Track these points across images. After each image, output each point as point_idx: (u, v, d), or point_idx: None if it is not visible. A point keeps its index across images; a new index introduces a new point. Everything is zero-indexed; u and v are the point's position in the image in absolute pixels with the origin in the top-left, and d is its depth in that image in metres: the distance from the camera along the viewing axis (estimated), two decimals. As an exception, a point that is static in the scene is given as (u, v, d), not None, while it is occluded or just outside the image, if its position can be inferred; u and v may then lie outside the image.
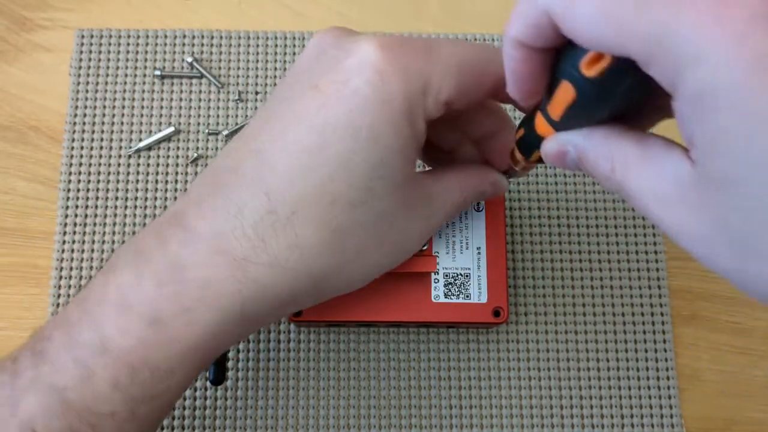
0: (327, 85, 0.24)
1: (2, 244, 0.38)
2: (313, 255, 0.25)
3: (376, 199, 0.25)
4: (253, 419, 0.36)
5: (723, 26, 0.16)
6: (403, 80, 0.24)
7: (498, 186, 0.31)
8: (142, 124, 0.40)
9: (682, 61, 0.16)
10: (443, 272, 0.33)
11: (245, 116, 0.41)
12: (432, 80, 0.25)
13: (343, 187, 0.24)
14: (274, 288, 0.24)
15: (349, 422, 0.36)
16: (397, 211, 0.26)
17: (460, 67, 0.25)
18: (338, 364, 0.37)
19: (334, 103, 0.24)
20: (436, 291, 0.33)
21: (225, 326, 0.25)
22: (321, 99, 0.24)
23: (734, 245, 0.18)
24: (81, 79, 0.41)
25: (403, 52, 0.24)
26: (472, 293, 0.33)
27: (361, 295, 0.33)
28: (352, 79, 0.24)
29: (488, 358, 0.37)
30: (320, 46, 0.26)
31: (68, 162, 0.39)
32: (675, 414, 0.37)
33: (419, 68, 0.24)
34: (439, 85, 0.25)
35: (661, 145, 0.20)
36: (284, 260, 0.24)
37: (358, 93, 0.24)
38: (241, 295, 0.24)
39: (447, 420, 0.36)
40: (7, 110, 0.40)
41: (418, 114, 0.25)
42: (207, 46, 0.42)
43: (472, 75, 0.25)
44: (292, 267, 0.24)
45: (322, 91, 0.24)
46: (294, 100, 0.25)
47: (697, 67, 0.16)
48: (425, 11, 0.43)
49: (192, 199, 0.25)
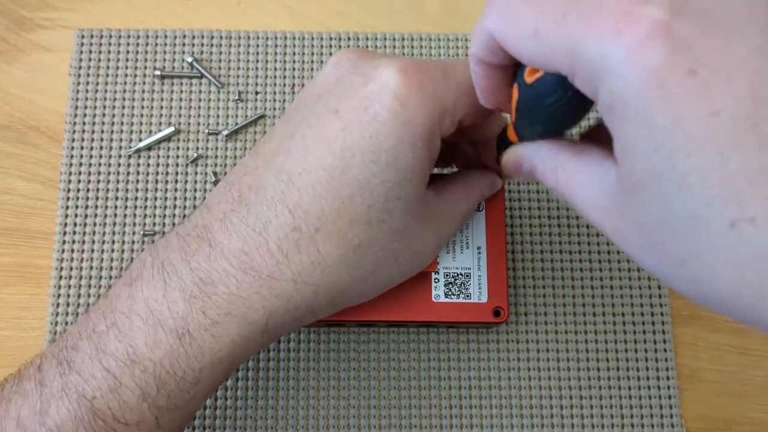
0: (347, 110, 0.25)
1: (2, 244, 0.38)
2: (334, 271, 0.26)
3: (393, 218, 0.26)
4: (253, 419, 0.36)
5: (624, 40, 0.17)
6: (422, 105, 0.25)
7: (494, 186, 0.32)
8: (142, 124, 0.40)
9: (595, 74, 0.18)
10: (443, 272, 0.33)
11: (245, 116, 0.41)
12: (448, 102, 0.26)
13: (363, 207, 0.25)
14: (296, 302, 0.26)
15: (349, 422, 0.36)
16: (412, 228, 0.27)
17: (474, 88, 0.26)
18: (338, 364, 0.37)
19: (354, 128, 0.25)
20: (437, 291, 0.33)
21: (250, 338, 0.26)
22: (341, 124, 0.25)
23: (653, 248, 0.19)
24: (81, 79, 0.41)
25: (421, 76, 0.25)
26: (472, 293, 0.33)
27: None
28: (371, 105, 0.25)
29: (488, 358, 0.37)
30: (339, 69, 0.27)
31: (68, 162, 0.39)
32: (675, 414, 0.37)
33: (437, 91, 0.25)
34: (455, 106, 0.26)
35: (597, 155, 0.21)
36: (307, 276, 0.25)
37: (378, 119, 0.25)
38: (266, 309, 0.25)
39: (447, 420, 0.36)
40: (7, 110, 0.40)
41: (436, 135, 0.26)
42: (207, 46, 0.42)
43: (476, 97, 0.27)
44: (315, 282, 0.25)
45: (342, 116, 0.25)
46: (315, 123, 0.26)
47: (605, 80, 0.17)
48: (425, 11, 0.43)
49: (215, 214, 0.26)
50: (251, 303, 0.25)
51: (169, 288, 0.25)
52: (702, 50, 0.16)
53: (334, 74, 0.27)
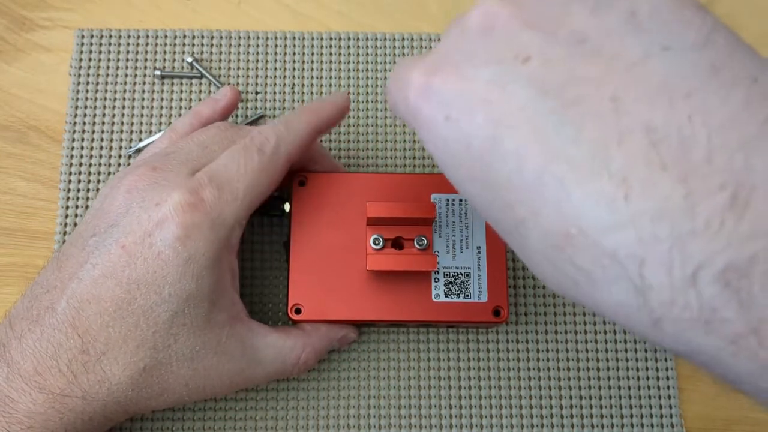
0: (132, 246, 0.28)
1: (2, 244, 0.38)
2: (120, 389, 0.28)
3: (179, 343, 0.28)
4: (253, 419, 0.36)
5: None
6: (202, 237, 0.28)
7: (348, 339, 0.35)
8: (142, 124, 0.40)
9: None
10: (443, 271, 0.33)
11: (245, 116, 0.41)
12: (230, 219, 0.29)
13: (148, 333, 0.28)
14: (89, 414, 0.28)
15: (349, 422, 0.36)
16: (202, 356, 0.29)
17: (250, 193, 0.30)
18: (338, 364, 0.37)
19: (139, 264, 0.28)
20: (437, 290, 0.33)
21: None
22: (127, 259, 0.28)
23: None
24: (81, 79, 0.41)
25: (199, 208, 0.28)
26: (472, 292, 0.33)
27: (361, 294, 0.33)
28: (155, 243, 0.28)
29: (488, 358, 0.37)
30: (129, 199, 0.29)
31: (68, 162, 0.39)
32: (675, 414, 0.37)
33: (215, 219, 0.28)
34: (236, 219, 0.29)
35: None
36: (95, 393, 0.28)
37: (161, 257, 0.27)
38: (62, 421, 0.27)
39: (447, 420, 0.36)
40: (7, 110, 0.40)
41: (224, 255, 0.29)
42: (207, 46, 0.42)
43: (260, 188, 0.30)
44: (102, 399, 0.28)
45: (128, 251, 0.28)
46: (105, 255, 0.28)
47: None
48: (425, 11, 0.43)
49: (15, 332, 0.28)
50: (48, 417, 0.27)
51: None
52: None
53: (125, 204, 0.29)
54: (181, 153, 0.31)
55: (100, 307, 0.28)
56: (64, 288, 0.28)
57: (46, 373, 0.27)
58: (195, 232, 0.28)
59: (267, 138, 0.31)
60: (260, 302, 0.37)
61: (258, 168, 0.30)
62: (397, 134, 0.41)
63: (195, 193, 0.28)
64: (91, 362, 0.28)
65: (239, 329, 0.30)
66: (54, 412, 0.27)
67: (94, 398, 0.28)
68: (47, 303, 0.28)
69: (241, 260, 0.38)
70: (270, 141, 0.31)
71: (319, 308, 0.33)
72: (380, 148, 0.40)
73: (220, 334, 0.29)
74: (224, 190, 0.29)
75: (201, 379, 0.29)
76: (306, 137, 0.32)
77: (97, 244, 0.29)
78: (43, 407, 0.27)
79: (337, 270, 0.33)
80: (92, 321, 0.28)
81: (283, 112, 0.41)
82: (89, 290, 0.28)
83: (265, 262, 0.38)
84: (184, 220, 0.28)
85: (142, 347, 0.28)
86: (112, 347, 0.28)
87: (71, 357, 0.27)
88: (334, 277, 0.33)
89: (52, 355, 0.27)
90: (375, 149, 0.40)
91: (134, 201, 0.29)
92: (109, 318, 0.28)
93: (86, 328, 0.28)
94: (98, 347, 0.28)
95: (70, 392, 0.27)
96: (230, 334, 0.30)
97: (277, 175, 0.31)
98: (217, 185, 0.29)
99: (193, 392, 0.30)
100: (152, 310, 0.28)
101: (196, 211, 0.28)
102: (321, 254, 0.33)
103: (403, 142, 0.41)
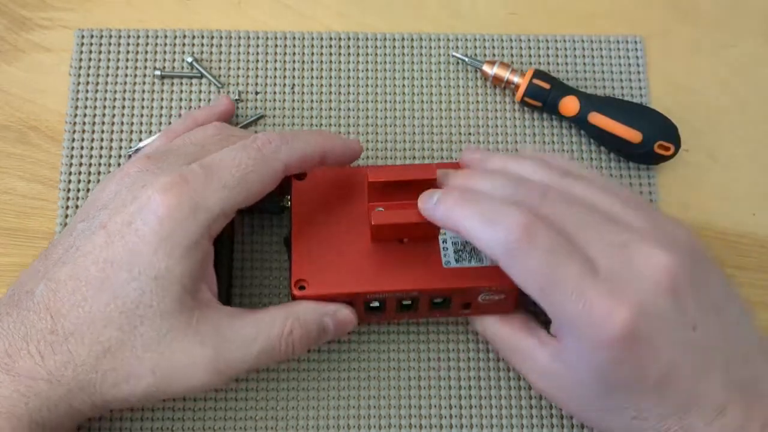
0: (113, 225, 0.28)
1: (2, 244, 0.38)
2: (84, 371, 0.28)
3: (145, 325, 0.28)
4: (253, 419, 0.36)
5: None
6: (182, 220, 0.28)
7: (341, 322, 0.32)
8: (142, 124, 0.40)
9: None
10: (451, 240, 0.32)
11: (245, 116, 0.41)
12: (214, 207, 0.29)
13: (116, 313, 0.28)
14: (54, 400, 0.27)
15: (349, 422, 0.36)
16: (170, 339, 0.28)
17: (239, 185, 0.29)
18: (338, 364, 0.37)
19: (117, 241, 0.28)
20: (446, 257, 0.32)
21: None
22: (106, 238, 0.28)
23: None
24: (81, 79, 0.41)
25: (181, 194, 0.28)
26: (484, 257, 0.32)
27: (368, 266, 0.32)
28: (135, 221, 0.28)
29: (488, 358, 0.37)
30: (120, 185, 0.30)
31: (68, 162, 0.39)
32: (675, 414, 0.37)
33: (199, 203, 0.28)
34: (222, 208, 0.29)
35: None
36: (60, 375, 0.27)
37: (138, 234, 0.28)
38: (28, 407, 0.27)
39: (447, 420, 0.36)
40: (7, 110, 0.40)
41: (201, 242, 0.29)
42: (207, 46, 0.42)
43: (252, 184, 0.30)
44: (67, 383, 0.27)
45: (108, 230, 0.28)
46: (87, 237, 0.29)
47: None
48: (425, 11, 0.43)
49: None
50: (14, 401, 0.27)
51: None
52: None
53: (116, 189, 0.30)
54: (178, 149, 0.32)
55: (74, 285, 0.28)
56: (46, 272, 0.29)
57: (15, 355, 0.27)
58: (176, 212, 0.28)
59: (269, 140, 0.31)
60: (260, 302, 0.37)
61: (253, 164, 0.30)
62: (397, 134, 0.41)
63: (182, 176, 0.29)
64: (58, 342, 0.27)
65: (210, 314, 0.29)
66: (19, 396, 0.27)
67: (60, 381, 0.27)
68: (28, 288, 0.29)
69: (241, 260, 0.38)
70: (271, 143, 0.31)
71: (324, 282, 0.32)
72: (380, 148, 0.40)
73: (189, 317, 0.28)
74: (213, 177, 0.29)
75: (168, 364, 0.28)
76: (309, 154, 0.32)
77: (84, 228, 0.29)
78: (8, 390, 0.27)
79: (342, 245, 0.32)
80: (65, 301, 0.28)
81: (283, 112, 0.41)
82: (66, 272, 0.28)
83: (265, 262, 0.38)
84: (165, 199, 0.28)
85: (109, 327, 0.28)
86: (80, 326, 0.28)
87: (40, 338, 0.27)
88: (339, 252, 0.32)
89: (23, 337, 0.28)
90: (375, 149, 0.40)
91: (124, 185, 0.30)
92: (81, 297, 0.28)
93: (58, 308, 0.28)
94: (67, 327, 0.28)
95: (36, 374, 0.27)
96: (201, 317, 0.29)
97: (270, 177, 0.30)
98: (206, 172, 0.29)
99: (162, 381, 0.28)
100: (122, 288, 0.28)
101: (179, 192, 0.28)
102: (324, 230, 0.33)
103: (403, 142, 0.41)
